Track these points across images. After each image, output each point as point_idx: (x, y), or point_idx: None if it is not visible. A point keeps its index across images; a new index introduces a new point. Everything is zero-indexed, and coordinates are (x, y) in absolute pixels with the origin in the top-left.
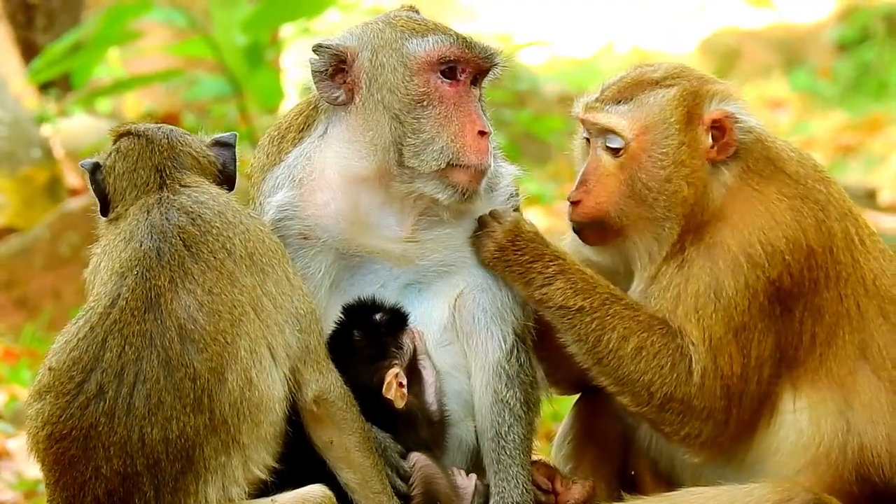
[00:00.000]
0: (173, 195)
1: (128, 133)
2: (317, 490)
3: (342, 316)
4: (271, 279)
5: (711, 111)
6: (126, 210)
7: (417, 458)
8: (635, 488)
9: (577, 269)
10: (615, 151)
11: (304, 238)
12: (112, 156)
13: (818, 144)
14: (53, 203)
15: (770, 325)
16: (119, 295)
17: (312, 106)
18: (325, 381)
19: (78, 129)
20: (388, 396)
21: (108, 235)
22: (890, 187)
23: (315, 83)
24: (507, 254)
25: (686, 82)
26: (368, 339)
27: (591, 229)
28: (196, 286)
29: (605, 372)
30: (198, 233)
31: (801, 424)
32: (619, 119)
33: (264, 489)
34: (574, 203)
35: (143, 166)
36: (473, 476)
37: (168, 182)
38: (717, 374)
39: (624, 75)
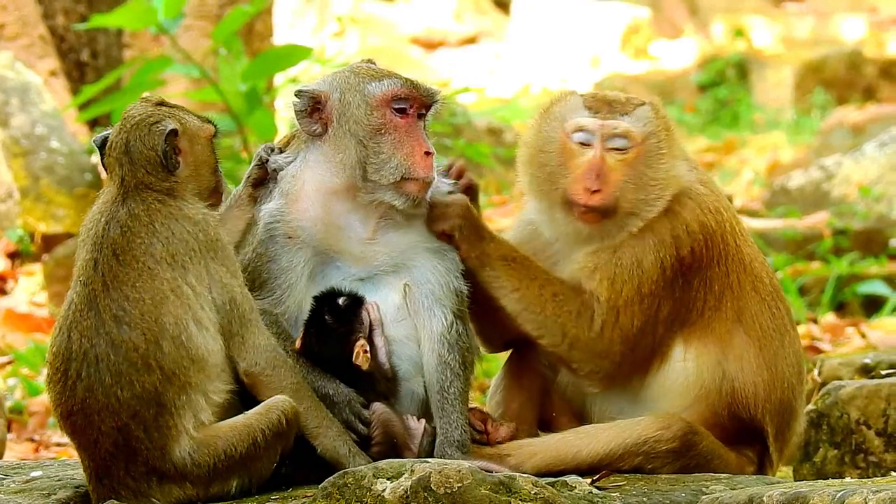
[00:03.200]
0: (121, 204)
1: (122, 114)
2: (280, 398)
3: (314, 303)
4: (192, 273)
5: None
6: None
7: (377, 407)
8: (550, 429)
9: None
10: (621, 151)
11: (289, 238)
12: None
13: None
14: None
15: (670, 294)
16: (72, 300)
17: (295, 137)
18: (249, 359)
19: None
20: (358, 363)
21: (87, 219)
22: (741, 195)
23: (297, 120)
24: (468, 215)
25: (647, 104)
26: (338, 321)
27: (600, 212)
28: (122, 284)
29: (529, 318)
30: (125, 244)
31: (688, 371)
32: (630, 126)
33: (240, 409)
34: (595, 191)
35: (112, 154)
36: (423, 421)
37: (125, 177)
38: (617, 326)
39: (610, 95)
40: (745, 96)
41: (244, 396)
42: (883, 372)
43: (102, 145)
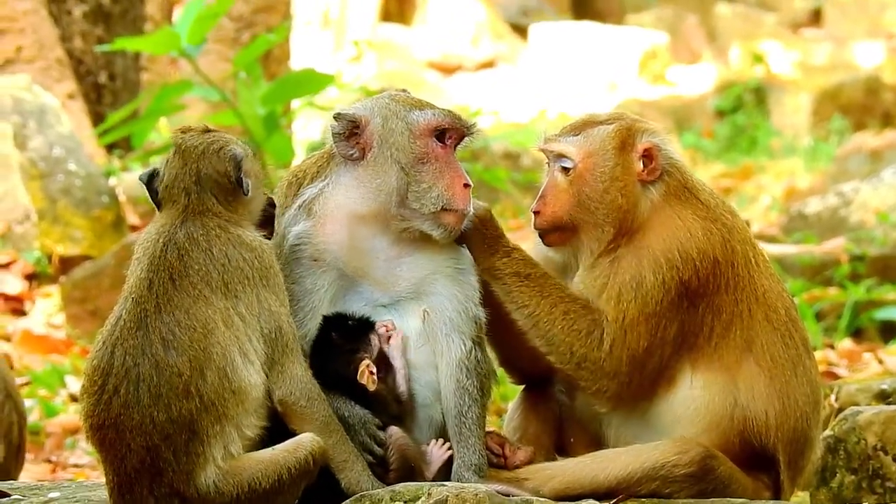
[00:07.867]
0: (180, 227)
1: (175, 147)
2: (308, 436)
3: (322, 323)
4: (243, 302)
5: (643, 142)
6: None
7: (393, 431)
8: (567, 454)
9: (524, 251)
10: (566, 171)
11: (315, 260)
12: (164, 166)
13: None
14: (118, 237)
15: (676, 315)
16: (120, 316)
17: (325, 158)
18: (286, 388)
19: (136, 181)
20: (362, 382)
21: (141, 237)
22: (759, 221)
23: (334, 143)
24: (485, 225)
25: (623, 121)
26: (344, 339)
27: (550, 233)
28: (175, 308)
29: (539, 334)
30: (182, 268)
31: (697, 398)
32: (568, 146)
33: (267, 441)
34: (536, 213)
35: (178, 186)
36: (444, 443)
37: (190, 205)
38: (626, 346)
39: (578, 118)
40: (763, 122)
41: (273, 431)
42: None
43: (150, 181)
